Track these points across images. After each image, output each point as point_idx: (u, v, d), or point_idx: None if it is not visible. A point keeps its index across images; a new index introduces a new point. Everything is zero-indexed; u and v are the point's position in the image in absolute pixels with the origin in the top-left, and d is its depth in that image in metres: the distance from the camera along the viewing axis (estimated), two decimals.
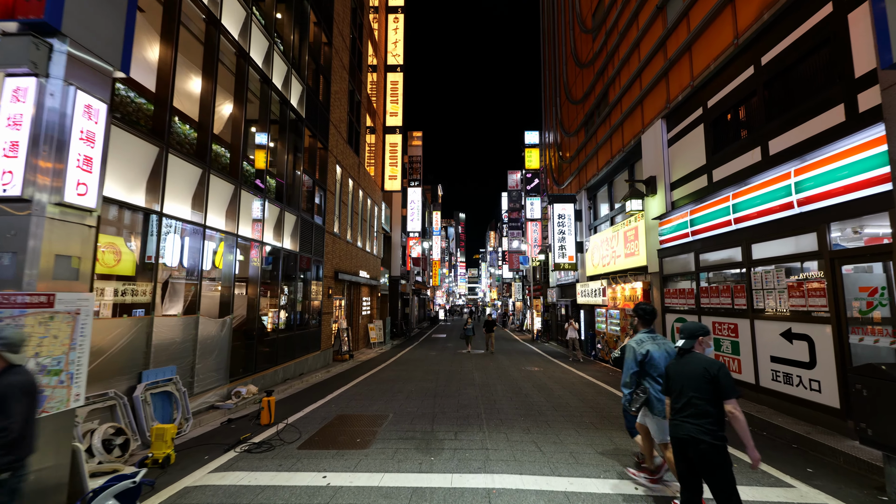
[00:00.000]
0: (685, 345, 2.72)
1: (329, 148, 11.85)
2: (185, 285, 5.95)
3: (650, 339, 3.42)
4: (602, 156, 12.92)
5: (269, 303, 8.40)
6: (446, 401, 6.91)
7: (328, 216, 11.78)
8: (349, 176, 14.08)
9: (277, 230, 8.54)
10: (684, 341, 2.73)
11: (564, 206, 15.21)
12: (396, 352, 15.20)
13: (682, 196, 8.34)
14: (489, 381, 8.93)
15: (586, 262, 14.29)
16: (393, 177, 19.77)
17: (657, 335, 3.50)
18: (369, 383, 8.68)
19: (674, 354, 3.23)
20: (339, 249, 12.75)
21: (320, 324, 11.02)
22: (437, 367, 10.98)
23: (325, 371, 10.42)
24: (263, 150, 7.96)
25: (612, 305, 11.24)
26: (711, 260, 7.08)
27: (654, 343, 3.39)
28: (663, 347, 3.39)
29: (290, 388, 8.13)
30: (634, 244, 10.20)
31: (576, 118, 15.88)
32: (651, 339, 3.43)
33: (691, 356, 2.68)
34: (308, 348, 10.12)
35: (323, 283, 11.27)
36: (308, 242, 10.19)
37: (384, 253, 22.44)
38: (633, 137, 10.52)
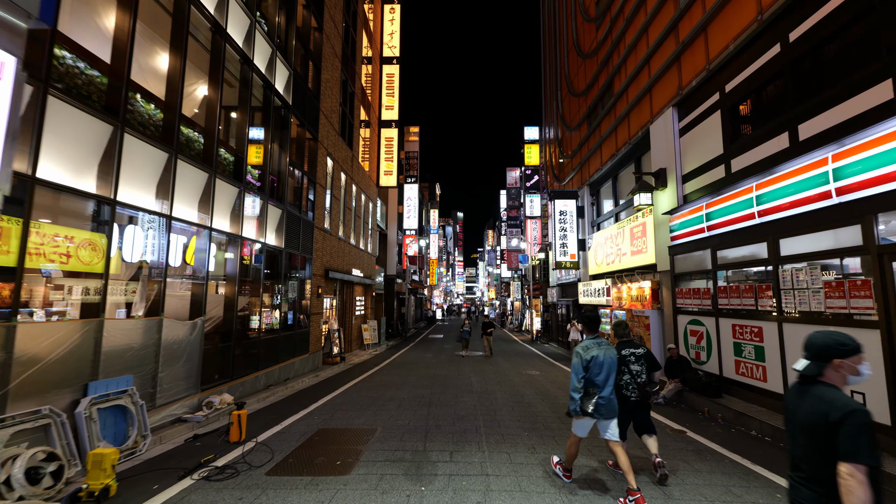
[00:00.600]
0: (808, 369, 1.73)
1: (319, 139, 11.21)
2: (149, 284, 5.31)
3: (595, 345, 3.51)
4: (606, 149, 12.33)
5: (249, 303, 7.76)
6: (441, 411, 6.30)
7: (318, 211, 11.14)
8: (341, 170, 13.44)
9: (260, 224, 7.90)
10: (808, 364, 1.74)
11: (566, 203, 14.62)
12: (391, 354, 14.58)
13: (695, 189, 7.76)
14: (488, 387, 8.33)
15: (589, 261, 13.71)
16: (388, 172, 19.13)
17: (602, 340, 3.58)
18: (359, 390, 8.06)
19: (613, 359, 3.50)
20: (329, 246, 12.11)
21: (309, 325, 10.38)
22: (432, 372, 10.37)
23: (314, 375, 9.79)
24: (244, 138, 7.32)
25: (618, 306, 10.66)
26: (731, 257, 6.50)
27: (599, 349, 3.49)
28: (609, 352, 3.51)
29: (273, 396, 7.50)
30: (642, 241, 9.62)
31: (577, 111, 15.29)
32: (596, 344, 3.52)
33: (817, 389, 1.71)
34: (294, 351, 9.49)
35: (312, 281, 10.64)
36: (295, 238, 9.56)
37: (379, 251, 21.81)
38: (640, 128, 9.93)
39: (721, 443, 4.84)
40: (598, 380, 3.42)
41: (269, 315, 8.48)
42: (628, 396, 3.82)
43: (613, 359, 3.50)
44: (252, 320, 7.70)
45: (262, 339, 7.94)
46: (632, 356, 3.90)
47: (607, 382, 3.43)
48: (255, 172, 7.94)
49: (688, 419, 5.97)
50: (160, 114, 5.49)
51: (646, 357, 3.97)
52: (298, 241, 9.74)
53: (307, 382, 9.03)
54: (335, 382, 9.00)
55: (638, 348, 3.98)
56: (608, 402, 3.41)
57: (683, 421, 5.87)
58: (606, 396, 3.42)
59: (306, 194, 10.70)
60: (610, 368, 3.45)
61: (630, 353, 3.91)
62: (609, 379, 3.44)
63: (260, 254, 7.91)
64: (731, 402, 5.95)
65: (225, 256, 6.96)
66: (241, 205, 7.14)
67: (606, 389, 3.42)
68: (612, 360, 3.48)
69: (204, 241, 6.17)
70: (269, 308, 8.52)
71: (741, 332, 6.13)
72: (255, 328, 7.72)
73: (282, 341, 8.87)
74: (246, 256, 7.50)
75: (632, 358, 3.89)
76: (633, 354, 3.91)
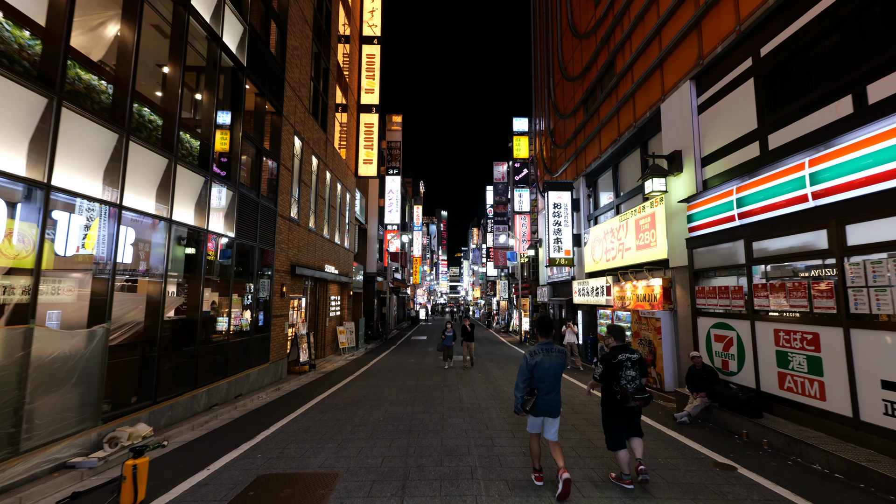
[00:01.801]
0: None
1: (284, 114, 9.72)
2: (13, 278, 3.81)
3: (543, 352, 3.67)
4: (606, 136, 11.29)
5: (186, 304, 6.28)
6: (425, 440, 5.01)
7: (283, 197, 9.65)
8: (313, 153, 11.95)
9: (200, 207, 6.42)
10: None
11: (560, 195, 13.55)
12: (369, 359, 13.19)
13: (719, 172, 6.73)
14: (480, 402, 7.09)
15: (585, 257, 12.68)
16: (368, 161, 17.66)
17: (553, 346, 3.72)
18: (325, 409, 6.68)
19: (560, 363, 3.66)
20: (297, 238, 10.63)
21: (269, 329, 8.90)
22: (414, 382, 9.06)
23: (274, 389, 8.33)
24: (175, 96, 5.82)
25: (620, 306, 9.62)
26: (773, 249, 5.45)
27: (546, 355, 3.66)
28: (555, 359, 3.66)
29: (215, 420, 6.04)
30: (650, 234, 8.58)
31: (572, 98, 14.25)
32: (545, 351, 3.67)
33: None
34: (250, 361, 8.01)
35: (274, 278, 9.15)
36: (251, 227, 8.07)
37: (359, 247, 20.33)
38: (648, 108, 8.89)
39: (789, 486, 3.74)
40: (542, 385, 3.62)
41: (212, 318, 7.00)
42: (622, 403, 3.71)
43: (559, 365, 3.68)
44: (189, 326, 6.21)
45: (203, 348, 6.46)
46: (628, 361, 3.80)
47: (550, 387, 3.63)
48: (195, 142, 6.44)
49: (726, 446, 4.89)
50: (38, 44, 4.00)
51: (640, 362, 3.87)
52: (255, 230, 8.25)
53: (264, 399, 7.58)
54: (298, 398, 7.58)
55: (633, 353, 3.86)
56: (547, 403, 3.61)
57: (722, 449, 4.77)
58: (547, 399, 3.61)
59: (267, 176, 9.21)
60: (555, 374, 3.64)
61: (626, 357, 3.81)
62: (552, 384, 3.63)
63: (197, 243, 6.42)
64: (777, 424, 4.89)
65: (146, 244, 5.47)
66: (170, 180, 5.65)
67: (549, 393, 3.62)
68: (557, 367, 3.66)
69: (111, 222, 4.68)
70: (214, 310, 7.04)
71: (788, 339, 5.09)
72: (193, 335, 6.23)
73: (233, 350, 7.39)
74: (180, 246, 6.01)
75: (628, 363, 3.80)
76: (629, 359, 3.81)
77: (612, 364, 3.75)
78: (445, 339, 11.41)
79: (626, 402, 3.67)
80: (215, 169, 6.96)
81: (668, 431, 5.50)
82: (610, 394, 3.76)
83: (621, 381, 3.71)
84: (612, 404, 3.76)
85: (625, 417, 3.75)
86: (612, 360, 3.77)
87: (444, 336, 11.46)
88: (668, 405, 6.92)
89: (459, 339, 11.80)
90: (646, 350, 8.17)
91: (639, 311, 8.56)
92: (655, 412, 6.46)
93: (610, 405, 3.78)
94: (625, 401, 3.67)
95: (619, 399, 3.69)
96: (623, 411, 3.72)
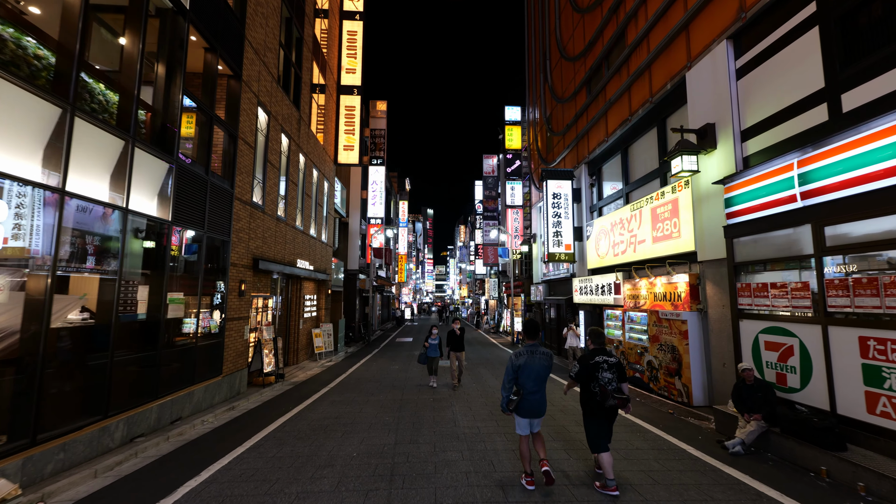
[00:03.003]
0: None
1: (245, 79, 8.19)
2: None
3: (528, 353, 3.75)
4: (614, 116, 10.16)
5: (98, 306, 4.76)
6: (413, 492, 3.68)
7: (242, 177, 8.13)
8: (283, 131, 10.42)
9: (117, 178, 4.90)
10: None
11: (560, 184, 12.39)
12: (348, 365, 11.74)
13: (767, 146, 5.61)
14: (480, 424, 5.79)
15: (587, 252, 11.55)
16: (349, 147, 16.14)
17: (538, 348, 3.79)
18: (284, 439, 5.26)
19: (545, 365, 3.75)
20: (262, 228, 9.11)
21: (223, 335, 7.40)
22: (399, 395, 7.70)
23: (228, 408, 6.85)
24: (74, 30, 4.29)
25: (634, 306, 8.49)
26: (857, 234, 4.33)
27: (531, 356, 3.73)
28: (539, 361, 3.73)
29: (133, 460, 4.56)
30: (671, 224, 7.46)
31: (572, 79, 13.10)
32: (530, 353, 3.75)
33: None
34: (194, 375, 6.50)
35: (230, 273, 7.64)
36: (197, 209, 6.56)
37: (339, 242, 18.79)
38: (669, 80, 7.76)
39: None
40: (527, 385, 3.69)
41: (146, 323, 5.48)
42: (601, 403, 3.72)
43: (543, 367, 3.74)
44: (98, 333, 4.70)
45: (121, 361, 4.95)
46: (605, 363, 3.79)
47: (535, 388, 3.70)
48: (110, 94, 4.91)
49: (804, 489, 3.73)
50: None
51: (617, 366, 3.82)
52: (203, 214, 6.74)
53: (210, 423, 6.09)
54: (253, 421, 6.13)
55: (611, 356, 3.85)
56: (532, 403, 3.70)
57: (801, 494, 3.61)
58: (532, 399, 3.70)
59: (221, 151, 7.68)
60: (538, 375, 3.71)
61: (603, 360, 3.81)
62: (537, 384, 3.70)
63: (105, 224, 4.90)
64: (874, 462, 3.76)
65: (31, 225, 3.95)
66: (64, 135, 4.14)
67: (534, 393, 3.71)
68: (542, 368, 3.73)
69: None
70: (144, 312, 5.51)
71: (883, 350, 3.96)
72: (105, 345, 4.72)
73: (169, 362, 5.88)
74: (81, 229, 4.49)
75: (605, 365, 3.79)
76: (605, 362, 3.80)
77: (589, 364, 3.80)
78: (429, 349, 8.53)
79: (606, 400, 3.69)
80: (145, 134, 5.44)
81: (718, 464, 4.33)
82: (588, 394, 3.81)
83: (600, 382, 3.73)
84: (590, 404, 3.80)
85: (601, 418, 3.75)
86: (590, 360, 3.82)
87: (427, 344, 8.56)
88: (702, 424, 5.78)
89: (446, 350, 8.67)
90: (668, 357, 7.03)
91: (658, 312, 7.42)
92: (692, 435, 5.30)
93: (588, 404, 3.83)
94: (604, 399, 3.69)
95: (599, 399, 3.72)
96: (600, 411, 3.73)
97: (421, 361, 8.64)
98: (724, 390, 6.02)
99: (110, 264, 4.84)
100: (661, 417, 6.18)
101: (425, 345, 8.62)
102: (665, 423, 5.84)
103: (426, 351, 8.58)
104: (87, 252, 4.58)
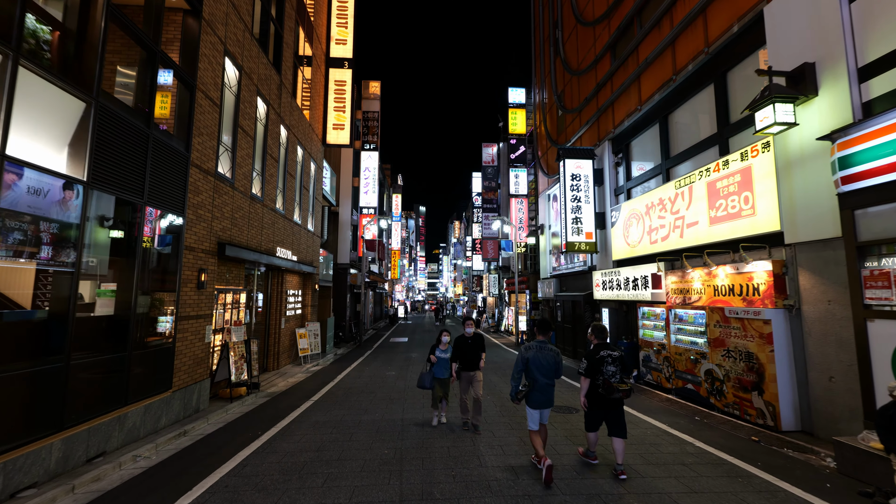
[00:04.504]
0: None
1: (206, 17, 6.51)
2: None
3: (536, 348, 4.04)
4: (650, 80, 8.68)
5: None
6: None
7: (201, 139, 6.46)
8: (259, 94, 8.74)
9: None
10: None
11: (580, 164, 10.91)
12: (337, 371, 10.13)
13: None
14: (512, 460, 4.25)
15: (612, 241, 10.11)
16: (339, 126, 14.46)
17: (546, 345, 4.08)
18: (240, 489, 3.66)
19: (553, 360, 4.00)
20: (230, 206, 7.45)
21: (174, 337, 5.75)
22: (399, 415, 6.13)
23: (178, 433, 5.22)
24: None
25: (681, 302, 7.05)
26: None
27: (539, 351, 4.01)
28: (546, 356, 4.00)
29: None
30: (739, 199, 6.01)
31: (591, 46, 11.61)
32: (538, 348, 4.04)
33: None
34: (127, 392, 4.85)
35: (184, 259, 5.99)
36: (129, 170, 4.89)
37: (329, 234, 17.10)
38: (736, 21, 6.28)
39: None
40: (538, 378, 3.94)
41: (45, 322, 3.82)
42: (606, 395, 3.95)
43: (551, 361, 3.99)
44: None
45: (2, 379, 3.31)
46: (609, 357, 4.02)
47: (545, 380, 3.95)
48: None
49: None
50: None
51: (620, 360, 4.05)
52: (142, 177, 5.07)
53: (146, 459, 4.46)
54: (206, 455, 4.51)
55: (614, 351, 4.08)
56: (542, 394, 3.95)
57: None
58: (539, 391, 3.95)
59: (177, 103, 6.01)
60: (548, 367, 3.96)
61: (607, 354, 4.04)
62: (547, 377, 3.96)
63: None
64: None
65: None
66: None
67: (545, 386, 3.95)
68: (549, 362, 3.98)
69: None
70: (46, 307, 3.85)
71: None
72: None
73: (83, 375, 4.23)
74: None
75: (609, 359, 4.01)
76: (609, 356, 4.03)
77: (595, 359, 4.03)
78: (436, 364, 5.46)
79: (610, 392, 3.92)
80: (50, 59, 3.77)
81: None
82: (594, 388, 4.03)
83: (604, 375, 3.96)
84: (595, 396, 4.05)
85: (604, 409, 4.02)
86: (595, 355, 4.05)
87: (434, 358, 5.48)
88: (810, 460, 4.33)
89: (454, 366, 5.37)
90: (740, 367, 5.58)
91: (724, 310, 5.96)
92: (812, 479, 3.84)
93: (593, 398, 4.06)
94: (608, 391, 3.92)
95: (602, 391, 3.95)
96: (605, 403, 4.00)
97: (423, 385, 5.49)
98: (831, 413, 4.60)
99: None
100: (747, 448, 4.72)
101: (431, 359, 5.51)
102: (759, 458, 4.37)
103: (431, 368, 5.50)
104: None
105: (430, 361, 5.59)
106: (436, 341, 5.61)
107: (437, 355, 5.55)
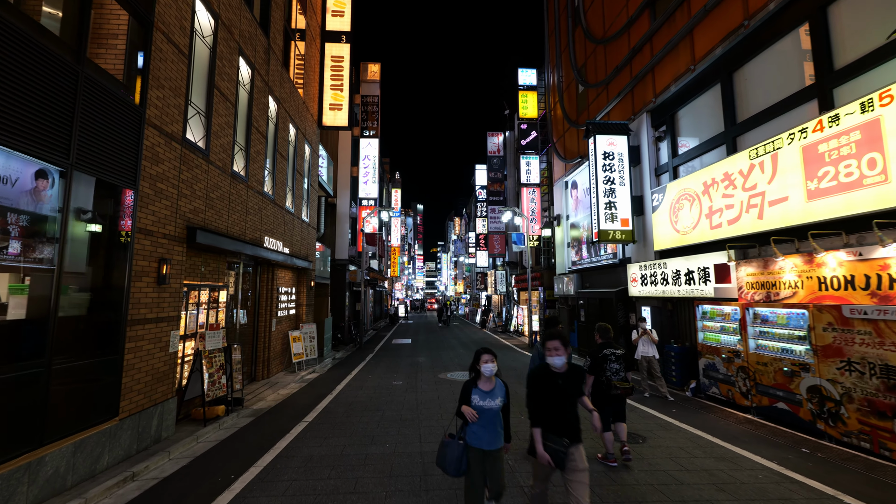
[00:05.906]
0: None
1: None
2: None
3: None
4: (708, 31, 7.30)
5: None
6: None
7: (160, 93, 5.02)
8: (241, 53, 7.31)
9: None
10: None
11: (613, 140, 9.53)
12: (335, 379, 8.74)
13: None
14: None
15: (652, 229, 8.75)
16: (336, 106, 13.02)
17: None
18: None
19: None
20: (203, 183, 6.02)
21: (121, 348, 4.34)
22: (416, 446, 4.74)
23: (123, 477, 3.82)
24: None
25: (763, 299, 5.69)
26: None
27: None
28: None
29: None
30: (852, 165, 4.66)
31: (623, 7, 10.24)
32: None
33: None
34: (43, 427, 3.43)
35: (136, 245, 4.57)
36: (45, 118, 3.46)
37: (326, 227, 15.69)
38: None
39: None
40: None
41: None
42: (608, 391, 4.13)
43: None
44: None
45: None
46: (612, 355, 4.20)
47: None
48: None
49: None
50: None
51: (622, 357, 4.23)
52: (68, 131, 3.65)
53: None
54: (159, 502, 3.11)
55: (617, 349, 4.24)
56: None
57: None
58: None
59: (127, 43, 4.58)
60: None
61: (611, 352, 4.22)
62: None
63: None
64: None
65: None
66: None
67: None
68: None
69: None
70: None
71: None
72: None
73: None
74: None
75: (612, 357, 4.19)
76: (613, 354, 4.20)
77: (598, 357, 4.21)
78: (475, 427, 2.76)
79: (611, 389, 4.13)
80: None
81: None
82: (597, 384, 4.18)
83: (606, 373, 4.16)
84: (599, 393, 4.17)
85: (610, 405, 4.16)
86: (598, 354, 4.24)
87: (471, 413, 2.74)
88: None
89: (536, 438, 2.73)
90: (874, 384, 4.22)
91: (841, 308, 4.60)
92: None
93: (597, 395, 4.17)
94: (609, 388, 4.12)
95: (605, 388, 4.13)
96: (608, 399, 4.14)
97: (447, 468, 2.78)
98: None
99: None
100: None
101: (465, 412, 2.77)
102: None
103: (464, 429, 2.82)
104: None
105: (461, 416, 2.83)
106: (471, 371, 2.88)
107: (477, 403, 2.76)
